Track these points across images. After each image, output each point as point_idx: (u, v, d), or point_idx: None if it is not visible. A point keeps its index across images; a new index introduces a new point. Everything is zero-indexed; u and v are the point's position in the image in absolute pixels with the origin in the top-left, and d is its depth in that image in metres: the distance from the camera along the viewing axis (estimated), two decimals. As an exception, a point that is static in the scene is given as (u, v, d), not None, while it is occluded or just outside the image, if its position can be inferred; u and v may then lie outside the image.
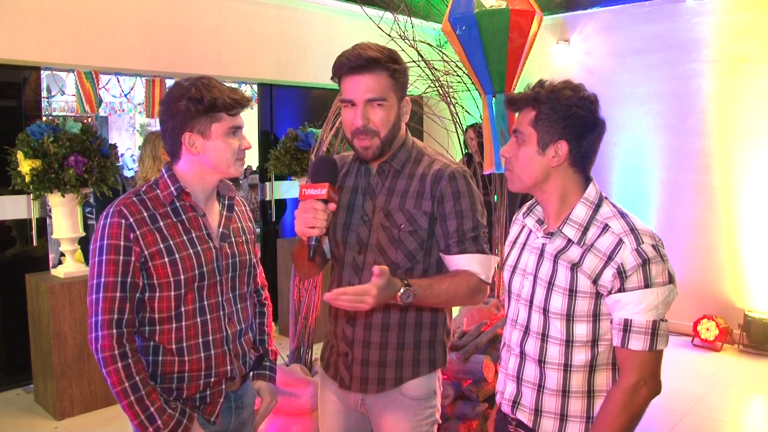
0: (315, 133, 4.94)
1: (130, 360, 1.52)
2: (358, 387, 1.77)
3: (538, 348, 1.52)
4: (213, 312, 1.65)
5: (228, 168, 1.62)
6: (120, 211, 1.54)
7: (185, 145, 1.58)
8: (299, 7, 5.60)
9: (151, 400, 1.53)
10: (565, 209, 1.50)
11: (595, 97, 1.48)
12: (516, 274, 1.60)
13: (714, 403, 4.07)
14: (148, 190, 1.62)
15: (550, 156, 1.46)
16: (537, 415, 1.54)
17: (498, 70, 2.69)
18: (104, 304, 1.51)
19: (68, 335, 3.71)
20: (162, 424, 1.53)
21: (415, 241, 1.69)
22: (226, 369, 1.67)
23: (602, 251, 1.42)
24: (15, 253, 4.34)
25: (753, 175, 5.02)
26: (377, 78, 1.61)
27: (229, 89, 1.59)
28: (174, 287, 1.58)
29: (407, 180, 1.71)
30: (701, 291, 5.24)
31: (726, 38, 5.09)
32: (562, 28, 6.00)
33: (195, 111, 1.54)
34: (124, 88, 5.13)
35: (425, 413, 1.78)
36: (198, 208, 1.64)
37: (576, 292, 1.45)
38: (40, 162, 3.49)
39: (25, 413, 3.87)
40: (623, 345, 1.41)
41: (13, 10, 4.01)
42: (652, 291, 1.38)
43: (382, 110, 1.63)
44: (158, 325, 1.60)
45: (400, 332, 1.73)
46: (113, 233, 1.52)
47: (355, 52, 1.62)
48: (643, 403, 1.42)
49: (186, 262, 1.58)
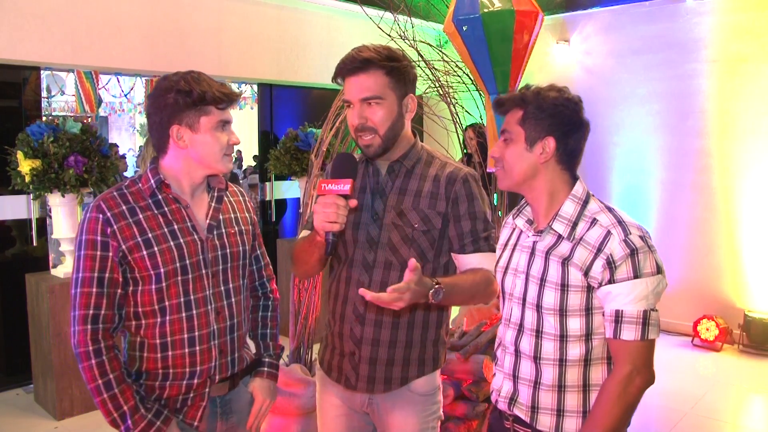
0: (315, 133, 4.94)
1: (104, 357, 1.51)
2: (364, 387, 1.77)
3: (533, 345, 1.54)
4: (200, 307, 1.62)
5: (215, 163, 1.61)
6: (99, 206, 1.54)
7: (173, 138, 1.57)
8: (299, 7, 5.61)
9: (125, 399, 1.53)
10: (553, 206, 1.54)
11: (579, 98, 1.53)
12: (508, 274, 1.63)
13: (714, 403, 4.07)
14: (131, 184, 1.61)
15: (537, 153, 1.51)
16: (534, 412, 1.56)
17: (502, 71, 2.69)
18: (81, 299, 1.51)
19: (68, 335, 3.70)
20: (132, 423, 1.52)
21: (428, 241, 1.72)
22: (210, 366, 1.64)
23: (591, 243, 1.45)
24: (15, 253, 4.34)
25: (753, 175, 5.02)
26: (372, 77, 1.65)
27: (218, 83, 1.59)
28: (155, 280, 1.56)
29: (419, 181, 1.74)
30: (701, 291, 5.24)
31: (726, 38, 5.09)
32: (562, 28, 6.00)
33: (183, 104, 1.53)
34: (124, 88, 5.14)
35: (432, 409, 1.81)
36: (181, 199, 1.62)
37: (568, 287, 1.48)
38: (40, 162, 3.49)
39: (25, 413, 3.87)
40: (615, 336, 1.43)
41: (14, 11, 4.01)
42: (641, 281, 1.41)
43: (378, 108, 1.67)
44: (143, 319, 1.59)
45: (409, 330, 1.75)
46: (90, 228, 1.53)
47: (350, 54, 1.68)
48: (637, 392, 1.44)
49: (166, 254, 1.56)
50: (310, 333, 3.12)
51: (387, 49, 1.69)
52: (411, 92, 1.73)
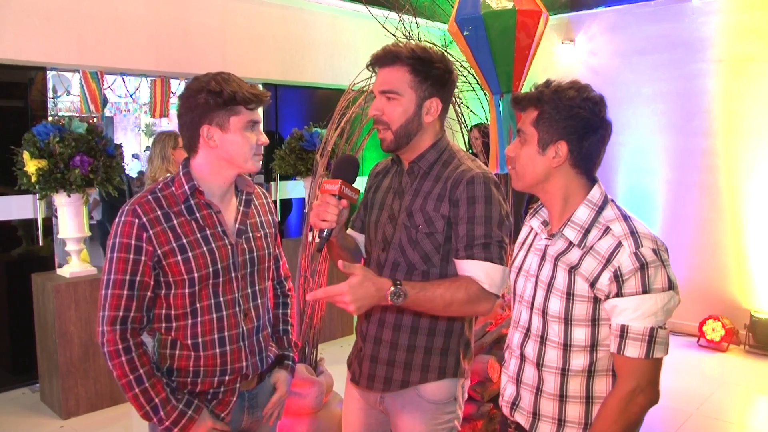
0: (320, 133, 4.94)
1: (134, 354, 1.55)
2: (365, 384, 1.79)
3: (537, 351, 1.51)
4: (229, 308, 1.66)
5: (245, 162, 1.63)
6: (134, 210, 1.56)
7: (203, 137, 1.60)
8: (304, 7, 5.61)
9: (156, 392, 1.56)
10: (567, 210, 1.49)
11: (601, 98, 1.46)
12: (520, 276, 1.59)
13: (720, 404, 4.06)
14: (164, 187, 1.64)
15: (550, 156, 1.45)
16: (535, 419, 1.52)
17: (505, 71, 2.68)
18: (111, 300, 1.54)
19: (74, 335, 3.72)
20: (164, 415, 1.56)
21: (431, 244, 1.68)
22: (241, 365, 1.69)
23: (601, 254, 1.40)
24: (21, 253, 4.35)
25: (759, 175, 5.00)
26: (395, 72, 1.65)
27: (247, 84, 1.61)
28: (188, 285, 1.59)
29: (433, 182, 1.71)
30: (707, 291, 5.22)
31: (732, 38, 5.07)
32: (567, 28, 5.99)
33: (214, 104, 1.56)
34: (130, 88, 5.14)
35: (443, 418, 1.76)
36: (213, 205, 1.65)
37: (573, 296, 1.43)
38: (46, 162, 3.51)
39: (31, 412, 3.88)
40: (620, 351, 1.38)
41: (19, 11, 4.03)
42: (650, 297, 1.35)
43: (394, 104, 1.66)
44: (174, 322, 1.62)
45: (412, 335, 1.73)
46: (125, 232, 1.55)
47: (385, 46, 1.69)
48: (639, 411, 1.39)
49: (199, 259, 1.60)
50: (315, 333, 3.11)
51: (422, 48, 1.67)
52: (438, 96, 1.68)
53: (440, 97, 1.69)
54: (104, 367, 3.83)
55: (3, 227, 4.25)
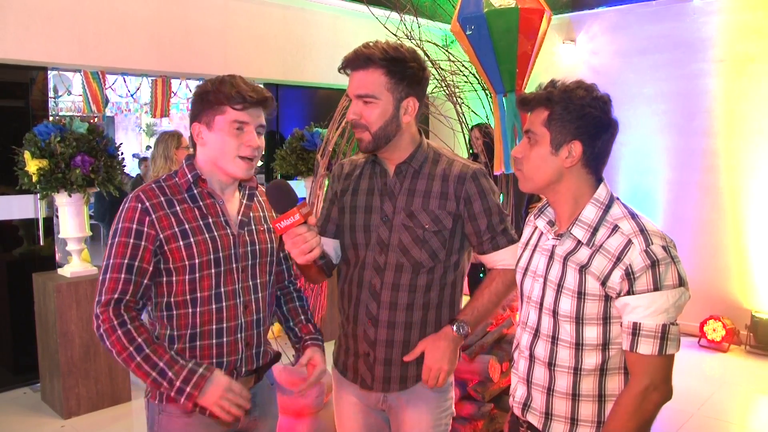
0: (321, 133, 4.94)
1: (129, 326, 1.53)
2: (380, 387, 1.77)
3: (548, 351, 1.50)
4: (229, 299, 1.66)
5: (227, 164, 1.63)
6: (138, 197, 1.59)
7: (194, 135, 1.65)
8: (305, 7, 5.61)
9: (158, 356, 1.53)
10: (576, 210, 1.48)
11: (608, 97, 1.46)
12: (527, 277, 1.59)
13: (721, 404, 4.06)
14: (168, 178, 1.67)
15: (563, 156, 1.44)
16: (547, 419, 1.52)
17: (509, 70, 2.67)
18: (108, 284, 1.55)
19: (75, 334, 3.72)
20: (173, 374, 1.52)
21: (439, 241, 1.71)
22: (237, 358, 1.68)
23: (611, 252, 1.40)
24: (22, 253, 4.36)
25: (760, 175, 5.00)
26: (370, 75, 1.64)
27: (247, 87, 1.60)
28: (188, 271, 1.59)
29: (427, 181, 1.72)
30: (708, 291, 5.21)
31: (733, 38, 5.07)
32: (569, 27, 5.99)
33: (204, 102, 1.60)
34: (131, 88, 5.14)
35: (445, 405, 1.81)
36: (216, 195, 1.66)
37: (585, 295, 1.42)
38: (47, 162, 3.51)
39: (32, 412, 3.89)
40: (632, 349, 1.38)
41: (21, 11, 4.03)
42: (661, 294, 1.35)
43: (371, 107, 1.65)
44: (174, 310, 1.62)
45: (422, 329, 1.75)
46: (128, 216, 1.57)
47: (357, 49, 1.67)
48: (653, 408, 1.39)
49: (201, 246, 1.60)
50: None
51: (394, 48, 1.65)
52: (414, 95, 1.68)
53: (416, 95, 1.69)
54: (105, 366, 3.84)
55: (4, 227, 4.26)
